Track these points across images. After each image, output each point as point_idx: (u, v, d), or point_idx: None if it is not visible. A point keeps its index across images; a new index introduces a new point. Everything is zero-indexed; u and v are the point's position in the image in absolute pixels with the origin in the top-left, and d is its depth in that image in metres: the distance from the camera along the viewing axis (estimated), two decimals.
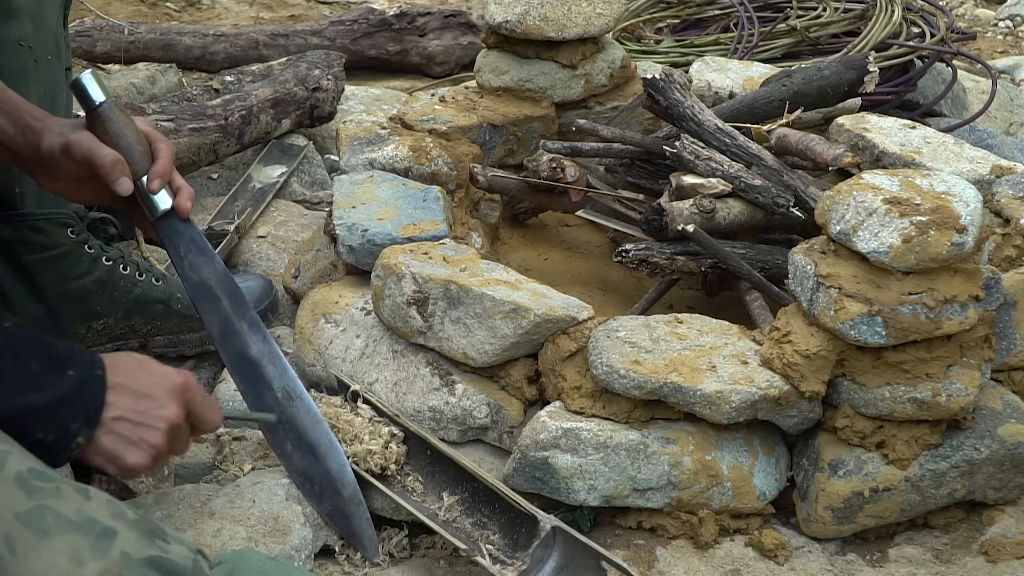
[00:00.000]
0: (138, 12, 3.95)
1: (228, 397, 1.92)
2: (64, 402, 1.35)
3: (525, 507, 1.66)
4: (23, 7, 1.72)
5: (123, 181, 1.58)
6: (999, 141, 2.82)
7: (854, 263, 1.69)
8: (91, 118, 1.61)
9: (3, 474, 1.19)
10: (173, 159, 1.66)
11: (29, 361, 1.34)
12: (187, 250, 1.66)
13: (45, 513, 1.19)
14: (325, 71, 2.89)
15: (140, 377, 1.44)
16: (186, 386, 1.47)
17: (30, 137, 1.58)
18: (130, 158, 1.59)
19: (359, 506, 1.67)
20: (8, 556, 1.15)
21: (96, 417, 1.37)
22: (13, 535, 1.16)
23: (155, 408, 1.43)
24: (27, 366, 1.34)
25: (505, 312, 1.76)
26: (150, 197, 1.63)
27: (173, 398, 1.46)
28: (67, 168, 1.58)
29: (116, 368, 1.42)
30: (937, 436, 1.74)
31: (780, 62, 3.03)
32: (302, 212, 2.63)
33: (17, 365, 1.33)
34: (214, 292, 1.67)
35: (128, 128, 1.61)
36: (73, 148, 1.56)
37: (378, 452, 1.71)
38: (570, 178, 2.20)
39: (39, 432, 1.34)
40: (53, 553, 1.17)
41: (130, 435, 1.41)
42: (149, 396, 1.43)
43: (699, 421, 1.75)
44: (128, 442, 1.41)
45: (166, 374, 1.47)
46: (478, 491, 1.71)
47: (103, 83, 1.63)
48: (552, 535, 1.63)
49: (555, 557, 1.63)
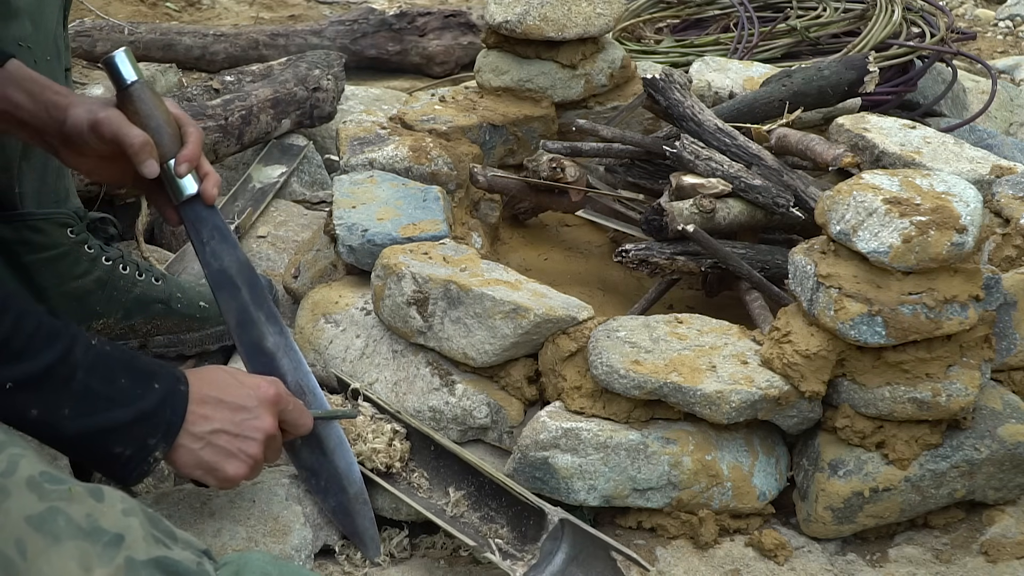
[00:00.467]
0: (138, 12, 3.95)
1: None
2: (147, 417, 1.38)
3: (532, 500, 1.66)
4: (23, 7, 1.72)
5: (150, 163, 1.57)
6: (999, 141, 2.82)
7: (854, 263, 1.69)
8: (121, 97, 1.60)
9: (15, 478, 1.19)
10: (202, 144, 1.66)
11: (118, 376, 1.36)
12: (210, 236, 1.66)
13: (56, 517, 1.19)
14: (325, 71, 2.90)
15: (234, 390, 1.48)
16: (278, 396, 1.51)
17: (54, 112, 1.58)
18: (158, 140, 1.59)
19: (364, 505, 1.67)
20: (19, 560, 1.15)
21: (175, 431, 1.40)
22: (24, 539, 1.16)
23: (251, 419, 1.48)
24: (116, 381, 1.36)
25: (505, 312, 1.76)
26: (176, 181, 1.62)
27: (267, 409, 1.50)
28: (93, 145, 1.57)
29: (207, 381, 1.46)
30: (937, 436, 1.74)
31: (780, 62, 3.03)
32: (302, 212, 2.63)
33: (105, 382, 1.35)
34: (234, 281, 1.67)
35: (158, 109, 1.60)
36: (102, 126, 1.55)
37: (382, 450, 1.71)
38: (570, 178, 2.20)
39: (117, 447, 1.37)
40: (63, 558, 1.17)
41: (229, 447, 1.46)
42: (244, 408, 1.47)
43: (699, 421, 1.75)
44: (227, 454, 1.46)
45: (257, 384, 1.51)
46: (484, 485, 1.70)
47: (135, 63, 1.62)
48: (560, 528, 1.63)
49: (564, 549, 1.63)
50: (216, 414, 1.44)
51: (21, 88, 1.58)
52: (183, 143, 1.63)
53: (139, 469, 1.39)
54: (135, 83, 1.60)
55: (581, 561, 1.62)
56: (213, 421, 1.44)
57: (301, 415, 1.57)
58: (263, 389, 1.50)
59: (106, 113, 1.56)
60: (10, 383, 1.28)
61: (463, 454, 1.72)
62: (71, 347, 1.33)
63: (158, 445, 1.39)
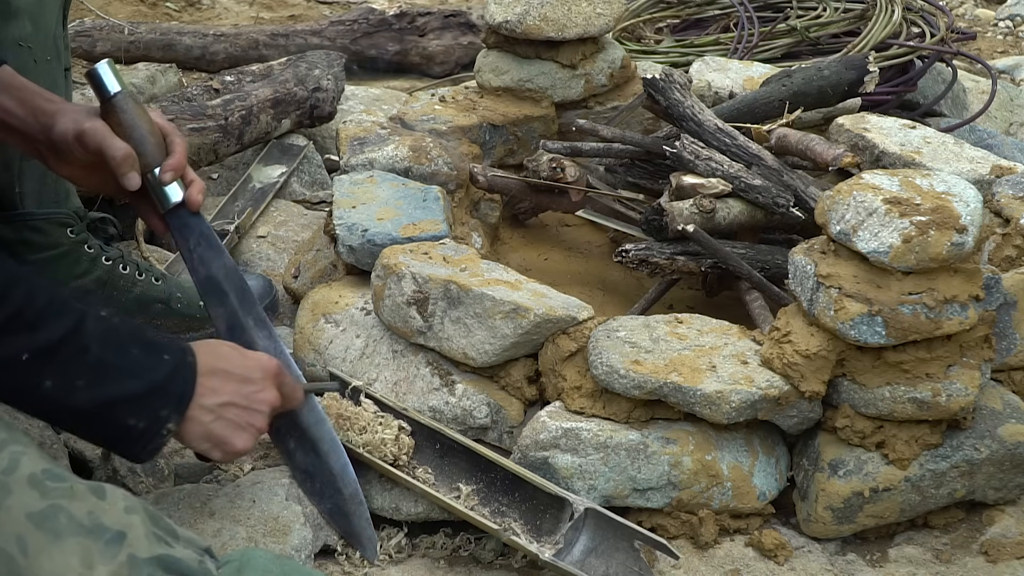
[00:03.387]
0: (138, 12, 3.95)
1: None
2: (158, 388, 1.37)
3: (554, 490, 1.66)
4: (22, 7, 1.72)
5: (132, 176, 1.58)
6: (999, 141, 2.81)
7: (854, 263, 1.69)
8: (105, 108, 1.61)
9: (16, 475, 1.19)
10: (187, 154, 1.67)
11: (130, 348, 1.36)
12: (197, 244, 1.67)
13: (58, 514, 1.19)
14: (325, 71, 2.89)
15: (239, 361, 1.48)
16: (279, 369, 1.53)
17: (42, 119, 1.58)
18: (142, 150, 1.60)
19: (360, 505, 1.67)
20: (20, 557, 1.15)
21: (186, 403, 1.40)
22: (26, 536, 1.16)
23: (258, 392, 1.48)
24: (128, 353, 1.35)
25: (505, 312, 1.76)
26: (162, 189, 1.63)
27: (271, 380, 1.51)
28: (78, 155, 1.58)
29: (212, 354, 1.46)
30: (937, 436, 1.74)
31: (780, 62, 3.03)
32: (302, 212, 2.63)
33: (118, 354, 1.35)
34: (222, 287, 1.67)
35: (141, 120, 1.61)
36: (87, 137, 1.56)
37: (391, 441, 1.71)
38: (570, 178, 2.20)
39: (131, 419, 1.36)
40: (64, 555, 1.17)
41: (239, 420, 1.46)
42: (251, 380, 1.48)
43: (699, 421, 1.75)
44: (236, 427, 1.46)
45: (259, 357, 1.52)
46: (494, 481, 1.70)
47: (119, 74, 1.63)
48: (583, 518, 1.63)
49: (583, 540, 1.63)
50: (225, 386, 1.44)
51: (11, 94, 1.59)
52: (168, 152, 1.64)
53: (153, 443, 1.38)
54: (118, 94, 1.61)
55: (601, 552, 1.62)
56: (222, 394, 1.44)
57: (295, 389, 1.59)
58: (265, 362, 1.52)
59: (91, 124, 1.57)
60: (26, 354, 1.27)
61: (479, 449, 1.72)
62: (83, 318, 1.32)
63: (170, 416, 1.38)
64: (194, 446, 1.46)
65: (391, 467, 1.70)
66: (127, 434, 1.36)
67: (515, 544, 1.62)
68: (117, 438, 1.38)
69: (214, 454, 1.46)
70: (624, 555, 1.61)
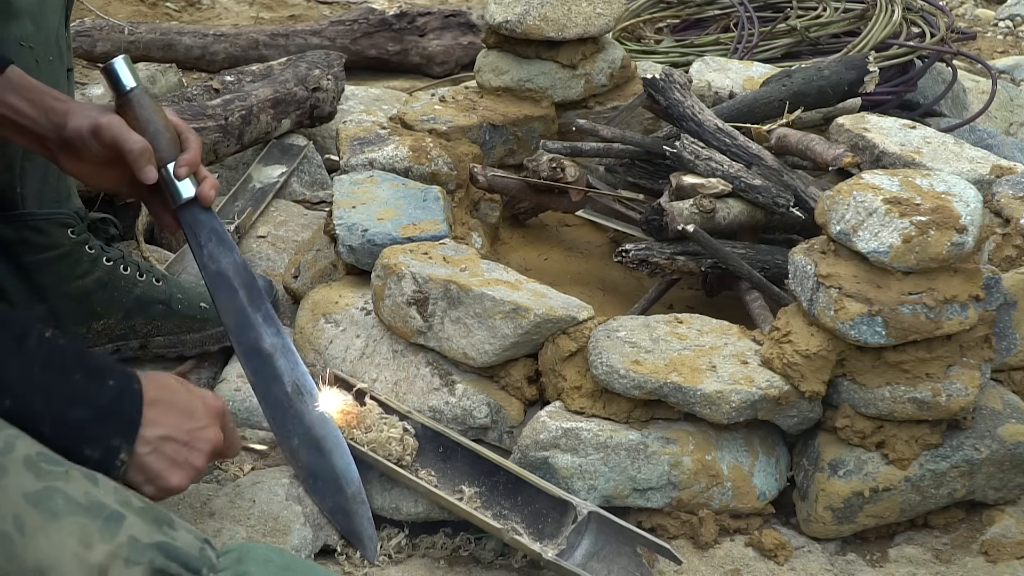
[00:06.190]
0: (138, 12, 3.95)
1: (228, 397, 1.92)
2: (106, 415, 1.32)
3: (559, 494, 1.66)
4: (24, 7, 1.72)
5: (149, 169, 1.59)
6: (999, 141, 2.82)
7: (854, 263, 1.69)
8: (121, 103, 1.62)
9: (12, 456, 1.19)
10: (201, 150, 1.67)
11: (74, 371, 1.31)
12: (207, 239, 1.68)
13: (54, 495, 1.18)
14: (325, 71, 2.89)
15: (181, 396, 1.42)
16: (223, 409, 1.47)
17: (54, 118, 1.59)
18: (157, 145, 1.61)
19: (361, 505, 1.67)
20: (17, 536, 1.15)
21: (134, 431, 1.34)
22: (22, 515, 1.16)
23: (201, 429, 1.42)
24: (71, 377, 1.31)
25: (505, 312, 1.76)
26: (175, 184, 1.64)
27: (214, 419, 1.44)
28: (93, 150, 1.58)
29: (156, 384, 1.39)
30: (937, 436, 1.74)
31: (780, 62, 3.03)
32: (302, 212, 2.63)
33: (62, 378, 1.30)
34: (231, 283, 1.68)
35: (157, 115, 1.63)
36: (103, 131, 1.57)
37: (396, 440, 1.71)
38: (570, 178, 2.20)
39: (87, 449, 1.30)
40: (62, 534, 1.16)
41: (176, 456, 1.38)
42: (193, 416, 1.41)
43: (699, 421, 1.75)
44: (173, 463, 1.38)
45: (205, 395, 1.46)
46: (497, 484, 1.70)
47: (134, 69, 1.64)
48: (586, 521, 1.63)
49: (586, 543, 1.63)
50: (165, 419, 1.37)
51: (21, 94, 1.59)
52: (183, 149, 1.65)
53: (109, 476, 1.30)
54: (134, 89, 1.62)
55: (602, 557, 1.62)
56: (162, 426, 1.36)
57: (236, 437, 1.53)
58: (211, 400, 1.46)
59: (107, 119, 1.58)
60: None
61: (483, 452, 1.72)
62: (24, 336, 1.28)
63: (121, 447, 1.32)
64: (127, 479, 1.35)
65: (395, 466, 1.70)
66: (86, 462, 1.28)
67: (518, 544, 1.62)
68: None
69: (146, 489, 1.37)
70: (627, 560, 1.61)
